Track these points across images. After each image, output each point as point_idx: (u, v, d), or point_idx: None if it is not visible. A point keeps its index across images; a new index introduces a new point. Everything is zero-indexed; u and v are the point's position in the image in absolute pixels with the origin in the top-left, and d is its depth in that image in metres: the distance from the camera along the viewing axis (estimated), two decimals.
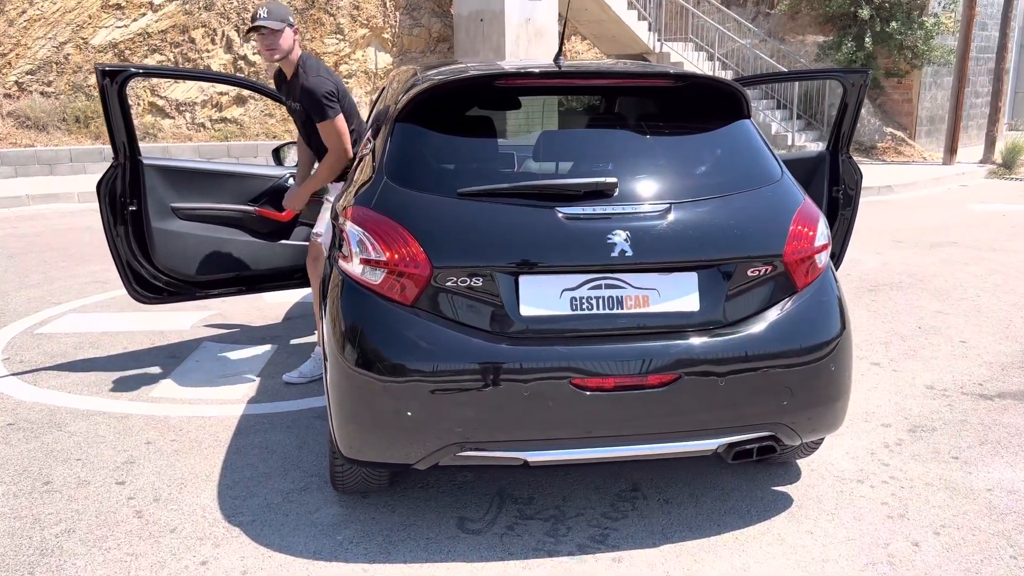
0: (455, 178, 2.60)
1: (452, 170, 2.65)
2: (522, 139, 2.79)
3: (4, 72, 12.00)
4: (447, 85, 2.70)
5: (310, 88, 3.69)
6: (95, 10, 12.54)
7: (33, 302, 5.55)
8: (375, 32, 14.25)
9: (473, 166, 2.66)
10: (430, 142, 2.70)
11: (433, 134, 2.70)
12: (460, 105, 2.80)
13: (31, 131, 11.94)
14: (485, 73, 2.78)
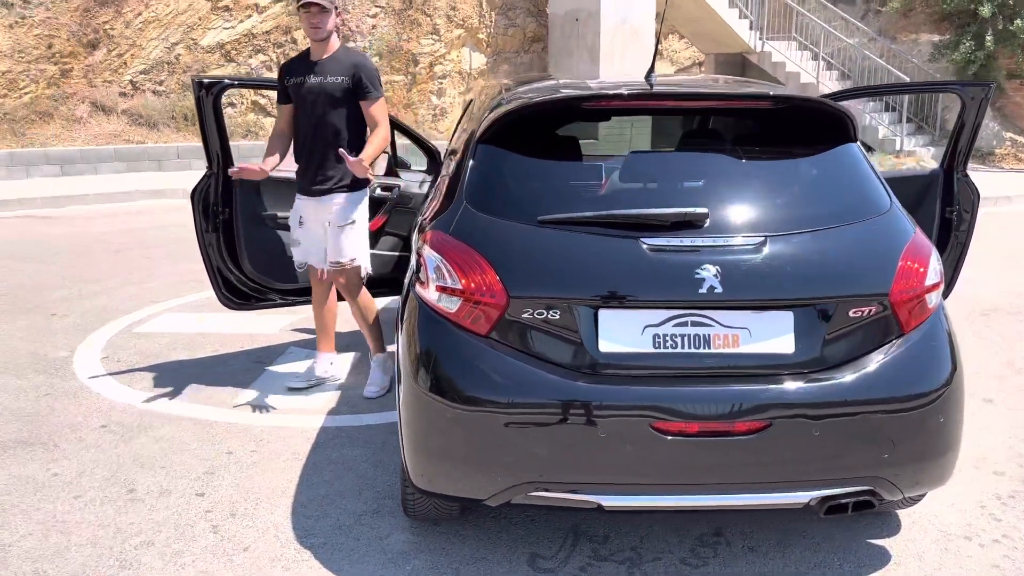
0: (536, 204, 2.50)
1: (533, 196, 2.55)
2: (608, 163, 2.66)
3: (120, 72, 12.63)
4: (532, 107, 2.61)
5: (365, 64, 3.75)
6: (205, 12, 13.04)
7: (134, 299, 5.77)
8: (470, 32, 14.30)
9: (555, 192, 2.56)
10: (512, 166, 2.61)
11: (515, 157, 2.61)
12: (544, 127, 2.70)
13: (143, 128, 12.52)
14: (572, 95, 2.67)
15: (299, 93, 3.76)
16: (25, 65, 11.89)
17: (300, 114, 3.80)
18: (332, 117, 3.73)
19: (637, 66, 13.40)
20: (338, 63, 3.74)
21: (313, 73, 3.74)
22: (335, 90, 3.71)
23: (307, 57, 3.82)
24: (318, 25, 3.68)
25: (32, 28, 11.97)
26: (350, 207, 3.81)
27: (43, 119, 11.91)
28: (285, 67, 3.91)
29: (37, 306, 5.58)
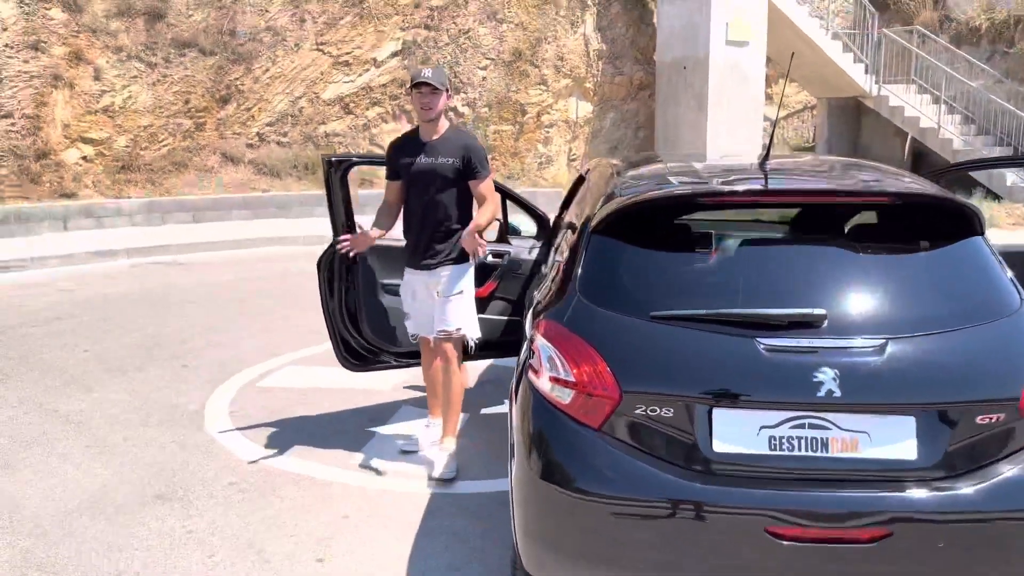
0: (649, 298, 2.55)
1: (646, 289, 2.60)
2: (721, 256, 2.68)
3: (248, 124, 13.48)
4: (645, 201, 2.67)
5: (475, 145, 3.91)
6: (327, 67, 13.79)
7: (259, 351, 6.12)
8: (577, 82, 14.52)
9: (668, 286, 2.59)
10: (625, 258, 2.67)
11: (629, 249, 2.67)
12: (657, 220, 2.75)
13: (267, 177, 13.29)
14: (686, 192, 2.72)
15: (410, 173, 3.90)
16: (164, 120, 12.88)
17: (411, 192, 3.93)
18: (442, 196, 3.87)
19: (747, 114, 13.26)
20: (449, 144, 3.87)
21: (424, 154, 3.87)
22: (446, 171, 3.84)
23: (417, 137, 3.95)
24: (429, 105, 3.80)
25: (172, 85, 12.97)
26: (457, 278, 3.95)
27: (178, 169, 12.83)
28: (395, 146, 4.05)
29: (171, 356, 6.00)
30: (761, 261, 2.62)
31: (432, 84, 3.76)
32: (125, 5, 12.83)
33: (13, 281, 8.84)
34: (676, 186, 2.83)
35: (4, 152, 11.40)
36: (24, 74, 11.78)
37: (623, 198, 2.74)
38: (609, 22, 14.61)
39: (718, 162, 3.64)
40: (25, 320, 7.07)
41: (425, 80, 3.75)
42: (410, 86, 3.85)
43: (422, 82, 3.76)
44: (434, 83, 3.76)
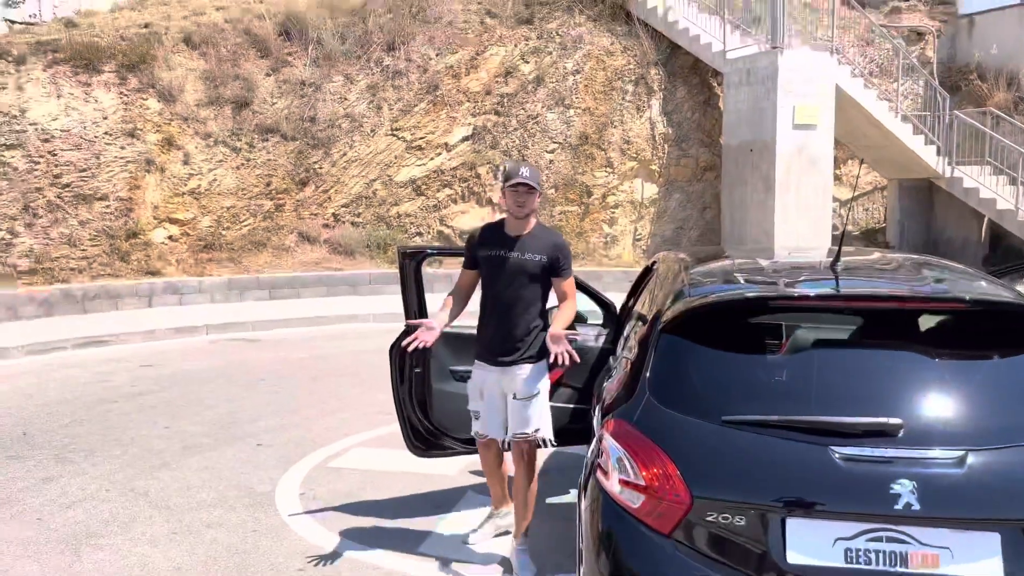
0: (721, 401, 2.55)
1: (718, 392, 2.61)
2: (794, 360, 2.68)
3: (325, 206, 14.03)
4: (717, 305, 2.71)
5: (563, 244, 3.95)
6: (400, 151, 14.34)
7: (330, 431, 6.24)
8: (643, 164, 14.72)
9: (740, 389, 2.60)
10: (696, 359, 2.69)
11: (699, 350, 2.70)
12: (728, 321, 2.77)
13: (341, 256, 13.73)
14: (759, 296, 2.75)
15: (493, 265, 3.87)
16: (247, 201, 13.52)
17: (491, 285, 3.89)
18: (525, 292, 3.83)
19: (815, 196, 13.18)
20: (537, 241, 3.85)
21: (511, 248, 3.84)
22: (533, 268, 3.81)
23: (502, 229, 3.92)
24: (524, 204, 3.82)
25: (255, 169, 13.66)
26: (536, 378, 3.87)
27: (257, 248, 13.39)
28: (479, 236, 4.00)
29: (245, 435, 6.17)
30: (834, 364, 2.60)
31: (530, 184, 3.78)
32: (215, 95, 13.69)
33: (100, 355, 9.27)
34: (745, 287, 2.86)
35: (98, 232, 12.12)
36: (120, 159, 12.59)
37: (693, 298, 2.78)
38: (675, 106, 14.86)
39: (786, 260, 3.65)
40: (109, 395, 7.39)
41: (524, 180, 3.77)
42: (505, 183, 3.84)
43: (521, 182, 3.76)
44: (532, 183, 3.79)
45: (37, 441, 6.05)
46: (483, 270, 3.94)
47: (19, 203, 11.67)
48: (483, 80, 14.74)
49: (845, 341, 2.76)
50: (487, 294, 3.93)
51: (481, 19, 15.24)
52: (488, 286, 3.93)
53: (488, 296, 3.93)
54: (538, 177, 3.90)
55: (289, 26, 14.63)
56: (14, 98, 12.20)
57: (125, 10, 15.50)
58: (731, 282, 3.02)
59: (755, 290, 2.83)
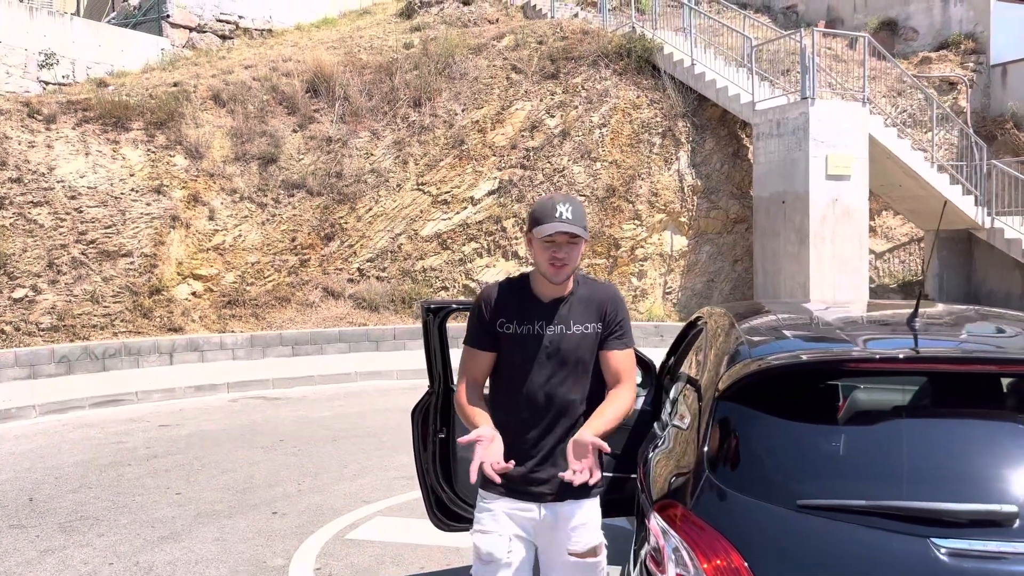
0: (794, 482, 2.20)
1: (790, 471, 2.25)
2: (877, 433, 2.32)
3: (350, 260, 13.88)
4: (784, 368, 2.37)
5: (619, 297, 2.71)
6: (426, 206, 14.22)
7: (348, 498, 5.89)
8: (672, 216, 14.46)
9: (816, 468, 2.25)
10: (760, 430, 2.34)
11: (764, 420, 2.35)
12: (798, 385, 2.43)
13: (365, 311, 13.51)
14: (835, 357, 2.41)
15: (523, 347, 2.61)
16: (271, 256, 13.41)
17: (519, 376, 2.62)
18: (576, 383, 2.62)
19: (851, 247, 12.80)
20: (583, 304, 2.64)
21: (550, 320, 2.62)
22: (582, 345, 2.62)
23: (530, 291, 2.66)
24: (565, 262, 2.54)
25: (280, 224, 13.58)
26: (596, 521, 2.65)
27: (281, 304, 13.21)
28: (494, 303, 2.67)
29: (261, 502, 5.83)
30: (925, 437, 2.24)
31: (572, 231, 2.50)
32: (242, 151, 13.72)
33: (118, 415, 9.03)
34: (814, 345, 2.52)
35: (121, 289, 12.02)
36: (146, 215, 12.57)
37: (754, 360, 2.45)
38: (703, 158, 14.65)
39: (852, 313, 3.30)
40: (122, 458, 7.11)
41: (565, 228, 2.48)
42: (533, 230, 2.56)
43: (562, 231, 2.49)
44: (575, 230, 2.51)
45: (43, 508, 5.76)
46: (506, 354, 2.65)
47: (44, 260, 11.62)
48: (509, 134, 14.67)
49: (934, 409, 2.40)
50: (510, 387, 2.65)
51: (507, 75, 15.25)
52: (512, 377, 2.64)
53: (512, 391, 2.64)
54: (583, 217, 2.59)
55: (316, 83, 14.72)
56: (43, 156, 12.28)
57: (156, 70, 15.72)
58: (794, 339, 2.68)
59: (827, 349, 2.48)
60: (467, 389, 2.70)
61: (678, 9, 16.27)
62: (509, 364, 2.68)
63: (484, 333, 2.69)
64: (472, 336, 2.73)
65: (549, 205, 2.56)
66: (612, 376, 2.67)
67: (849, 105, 13.00)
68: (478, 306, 2.72)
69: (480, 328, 2.70)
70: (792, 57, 14.85)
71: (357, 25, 19.17)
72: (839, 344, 2.60)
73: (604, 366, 2.66)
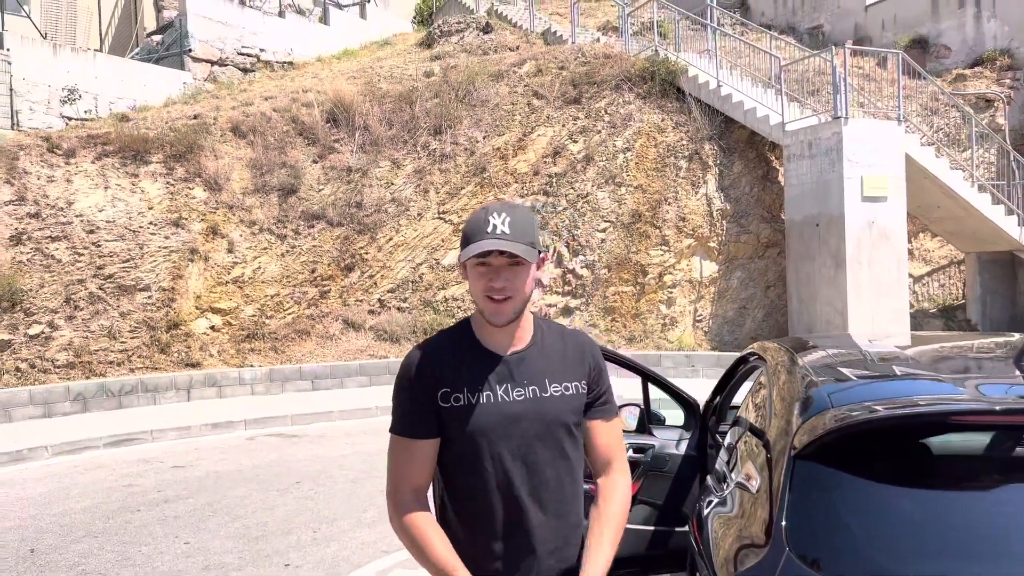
0: (895, 560, 1.79)
1: (889, 545, 1.84)
2: (988, 499, 1.91)
3: (371, 292, 13.59)
4: (878, 421, 1.96)
5: (597, 348, 2.05)
6: (447, 234, 13.93)
7: (366, 548, 5.50)
8: (700, 241, 14.04)
9: (921, 542, 1.83)
10: (850, 497, 1.94)
11: (853, 484, 1.95)
12: (893, 442, 2.02)
13: (386, 343, 13.18)
14: (944, 409, 1.99)
15: (484, 422, 1.88)
16: (291, 289, 13.15)
17: (478, 464, 1.89)
18: (560, 464, 1.94)
19: (889, 271, 12.29)
20: (559, 355, 1.97)
21: (513, 380, 1.91)
22: (565, 409, 1.94)
23: (477, 345, 1.95)
24: (507, 293, 1.86)
25: (300, 256, 13.34)
26: None
27: (301, 337, 12.93)
28: (427, 368, 1.92)
29: (274, 552, 5.45)
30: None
31: (509, 250, 1.82)
32: (261, 182, 13.54)
33: (130, 455, 8.72)
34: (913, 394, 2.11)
35: (138, 324, 11.80)
36: (164, 249, 12.38)
37: (838, 410, 2.04)
38: (732, 181, 14.25)
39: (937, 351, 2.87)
40: (132, 503, 6.78)
41: (499, 246, 1.82)
42: (463, 250, 1.89)
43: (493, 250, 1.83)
44: (514, 247, 1.82)
45: (44, 561, 5.42)
46: (458, 439, 1.90)
47: (61, 296, 11.44)
48: (531, 160, 14.39)
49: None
50: (472, 486, 1.91)
51: (528, 101, 15.00)
52: (474, 470, 1.90)
53: (475, 490, 1.91)
54: (530, 229, 1.90)
55: (336, 113, 14.57)
56: (62, 190, 12.16)
57: (177, 103, 15.67)
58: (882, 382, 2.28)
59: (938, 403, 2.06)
60: (408, 501, 1.92)
61: (701, 32, 15.99)
62: (464, 454, 1.89)
63: (420, 413, 1.91)
64: (402, 421, 1.93)
65: (480, 218, 1.88)
66: (600, 458, 2.00)
67: (884, 124, 12.57)
68: (406, 378, 1.93)
69: (413, 408, 1.91)
70: (821, 77, 14.47)
71: (377, 56, 19.11)
72: (938, 388, 2.19)
73: (590, 441, 2.01)
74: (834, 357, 2.80)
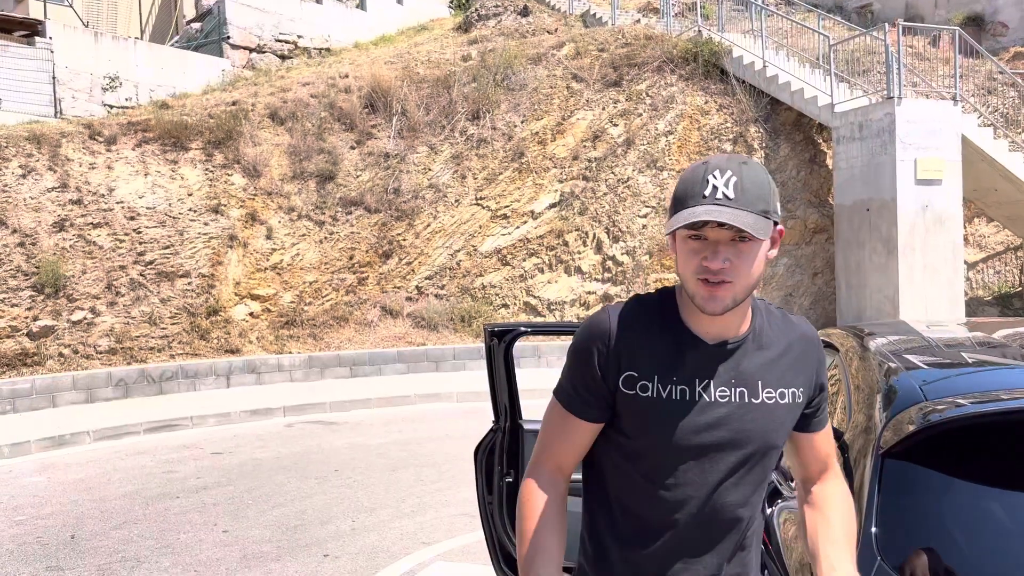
0: (1001, 570, 1.57)
1: (994, 559, 1.62)
2: None
3: (408, 278, 13.50)
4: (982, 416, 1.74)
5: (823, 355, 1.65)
6: (485, 221, 13.76)
7: (406, 539, 5.37)
8: None
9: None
10: (948, 500, 1.72)
11: (952, 486, 1.73)
12: (993, 439, 1.79)
13: (424, 330, 13.08)
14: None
15: (669, 422, 1.52)
16: (329, 275, 13.11)
17: (652, 469, 1.55)
18: (747, 486, 1.56)
19: (944, 258, 11.84)
20: (779, 353, 1.57)
21: (716, 376, 1.53)
22: (774, 422, 1.56)
23: (680, 325, 1.56)
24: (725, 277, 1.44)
25: (338, 242, 13.29)
26: None
27: (339, 323, 12.88)
28: (614, 341, 1.54)
29: (312, 541, 5.36)
30: None
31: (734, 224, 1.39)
32: (299, 169, 13.50)
33: (171, 441, 8.73)
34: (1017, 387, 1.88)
35: (178, 310, 11.85)
36: (203, 235, 12.41)
37: (933, 404, 1.82)
38: (778, 165, 13.85)
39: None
40: (171, 490, 6.75)
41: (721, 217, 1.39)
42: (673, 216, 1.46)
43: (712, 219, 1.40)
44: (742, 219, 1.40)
45: (84, 547, 5.39)
46: (633, 434, 1.56)
47: (103, 282, 11.52)
48: (570, 145, 14.14)
49: None
50: (637, 493, 1.57)
51: (567, 84, 14.74)
52: (645, 475, 1.56)
53: (640, 499, 1.57)
54: (765, 194, 1.45)
55: (374, 99, 14.47)
56: (103, 177, 12.24)
57: (216, 91, 15.71)
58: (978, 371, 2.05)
59: None
60: (543, 480, 1.60)
61: (745, 12, 15.56)
62: (638, 453, 1.55)
63: (594, 393, 1.56)
64: (571, 394, 1.59)
65: (697, 176, 1.45)
66: (817, 463, 1.68)
67: (939, 104, 12.07)
68: (587, 345, 1.57)
69: (587, 384, 1.56)
70: (870, 57, 13.96)
71: (415, 41, 18.96)
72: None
73: (805, 452, 1.68)
74: (907, 343, 2.57)
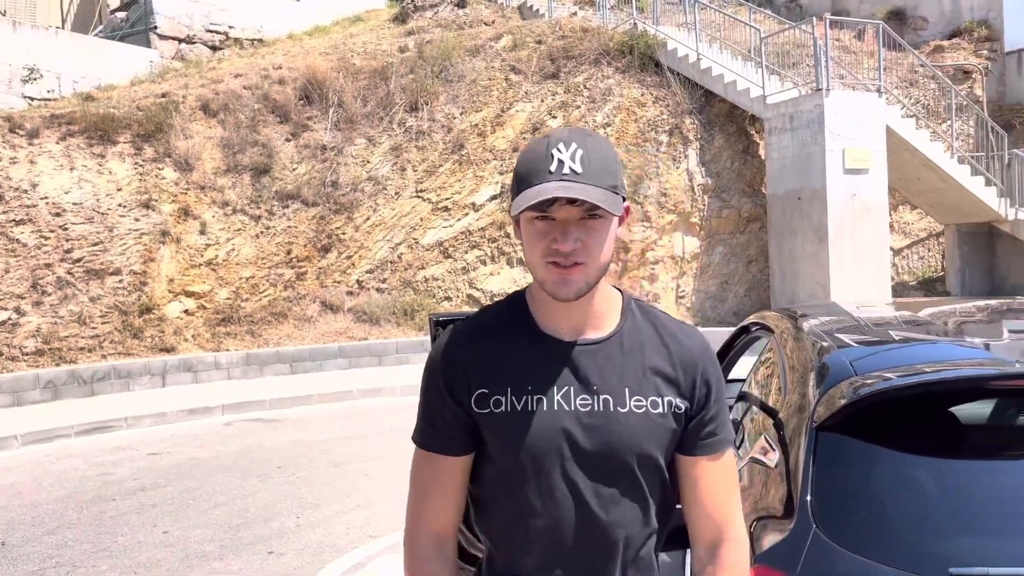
0: (942, 542, 1.65)
1: (934, 527, 1.71)
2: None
3: (348, 272, 13.35)
4: (908, 388, 1.82)
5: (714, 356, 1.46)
6: (426, 213, 13.70)
7: (352, 533, 5.34)
8: (682, 217, 13.94)
9: (967, 522, 1.70)
10: (880, 471, 1.80)
11: (883, 457, 1.81)
12: (921, 411, 1.89)
13: (366, 324, 12.97)
14: (980, 374, 1.86)
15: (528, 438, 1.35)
16: (266, 271, 12.87)
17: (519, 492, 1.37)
18: (626, 503, 1.38)
19: (871, 244, 12.28)
20: (648, 355, 1.40)
21: (577, 382, 1.37)
22: (646, 433, 1.37)
23: (534, 328, 1.41)
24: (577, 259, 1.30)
25: (275, 237, 13.06)
26: None
27: (278, 319, 12.67)
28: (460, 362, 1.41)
29: (256, 539, 5.28)
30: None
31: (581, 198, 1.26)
32: (233, 162, 13.21)
33: (104, 443, 8.48)
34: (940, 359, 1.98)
35: (109, 308, 11.49)
36: (134, 231, 12.05)
37: (863, 379, 1.90)
38: (713, 155, 14.14)
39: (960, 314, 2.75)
40: (106, 493, 6.56)
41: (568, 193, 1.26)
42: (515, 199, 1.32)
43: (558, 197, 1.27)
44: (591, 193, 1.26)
45: (15, 554, 5.20)
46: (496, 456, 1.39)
47: (27, 281, 11.09)
48: (510, 137, 14.17)
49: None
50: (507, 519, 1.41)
51: (505, 76, 14.76)
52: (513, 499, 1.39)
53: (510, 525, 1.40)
54: (610, 167, 1.32)
55: (309, 90, 14.23)
56: (25, 172, 11.77)
57: (144, 82, 15.23)
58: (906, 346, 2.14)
59: (976, 367, 1.92)
60: (424, 548, 1.43)
61: (679, 5, 15.80)
62: (503, 475, 1.39)
63: (451, 422, 1.40)
64: (429, 432, 1.43)
65: (540, 151, 1.32)
66: (703, 516, 1.41)
67: (865, 96, 12.50)
68: (432, 371, 1.44)
69: (442, 413, 1.41)
70: (800, 50, 14.34)
71: (350, 32, 18.71)
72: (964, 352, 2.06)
73: (690, 491, 1.43)
74: (838, 323, 2.68)
